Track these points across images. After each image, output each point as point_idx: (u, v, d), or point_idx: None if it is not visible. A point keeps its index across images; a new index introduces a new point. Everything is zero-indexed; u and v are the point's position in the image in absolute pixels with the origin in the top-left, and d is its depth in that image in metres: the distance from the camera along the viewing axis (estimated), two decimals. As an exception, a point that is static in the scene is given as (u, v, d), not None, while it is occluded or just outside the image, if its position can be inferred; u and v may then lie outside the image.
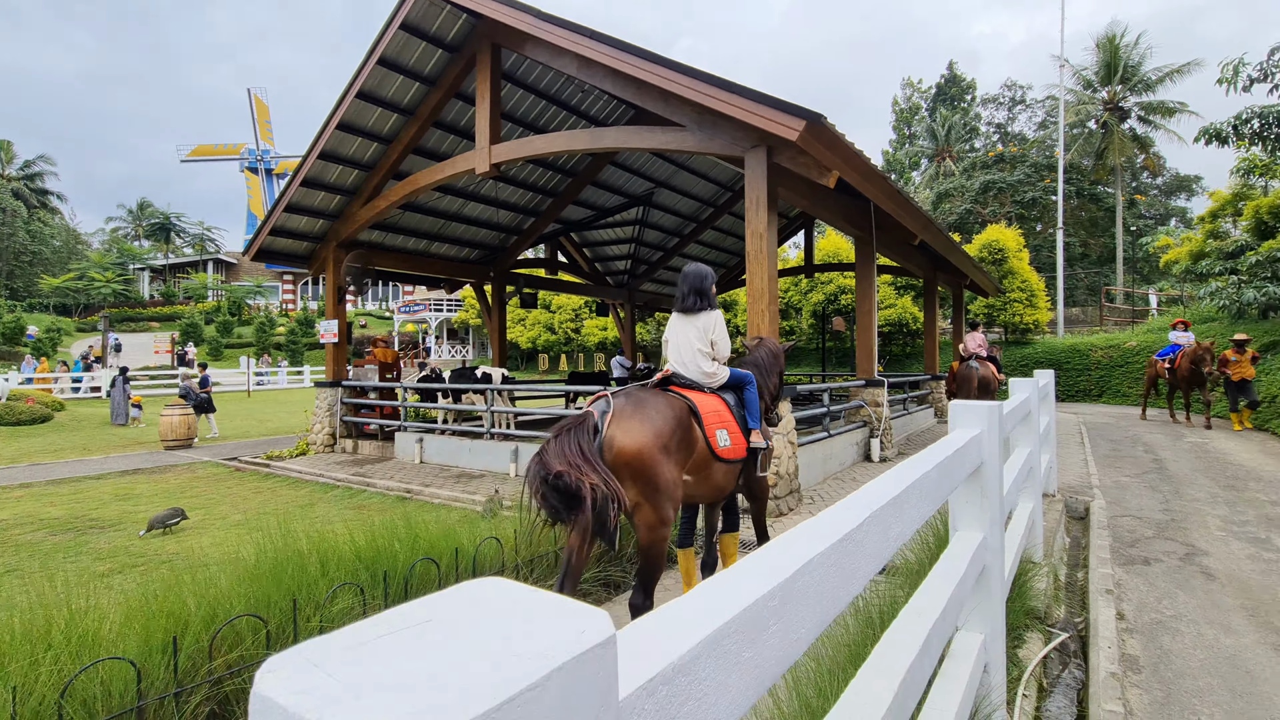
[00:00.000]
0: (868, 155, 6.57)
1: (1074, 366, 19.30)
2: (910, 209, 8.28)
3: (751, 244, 6.22)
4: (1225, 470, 7.92)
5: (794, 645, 0.80)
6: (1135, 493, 6.84)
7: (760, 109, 5.60)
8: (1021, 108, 43.46)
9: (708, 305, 3.54)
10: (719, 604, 0.69)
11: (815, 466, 7.34)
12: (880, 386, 9.09)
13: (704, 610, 0.68)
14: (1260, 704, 2.81)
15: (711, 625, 0.64)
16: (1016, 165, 34.73)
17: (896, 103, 50.51)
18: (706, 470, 3.21)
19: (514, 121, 10.65)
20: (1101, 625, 3.49)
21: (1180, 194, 36.60)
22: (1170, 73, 29.15)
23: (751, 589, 0.75)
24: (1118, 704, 2.73)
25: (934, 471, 1.65)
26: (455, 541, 3.18)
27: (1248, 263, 15.45)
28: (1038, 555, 4.36)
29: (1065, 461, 8.49)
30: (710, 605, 0.69)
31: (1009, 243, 21.81)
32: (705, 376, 3.45)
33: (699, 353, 3.45)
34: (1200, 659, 3.22)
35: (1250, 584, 4.23)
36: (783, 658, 0.77)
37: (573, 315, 35.82)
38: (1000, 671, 2.40)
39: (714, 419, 3.25)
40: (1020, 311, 21.05)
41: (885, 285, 22.96)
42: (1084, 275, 32.98)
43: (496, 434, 8.95)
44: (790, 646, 0.79)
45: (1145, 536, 5.31)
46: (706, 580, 0.78)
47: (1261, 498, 6.52)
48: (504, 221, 13.23)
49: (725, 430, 3.28)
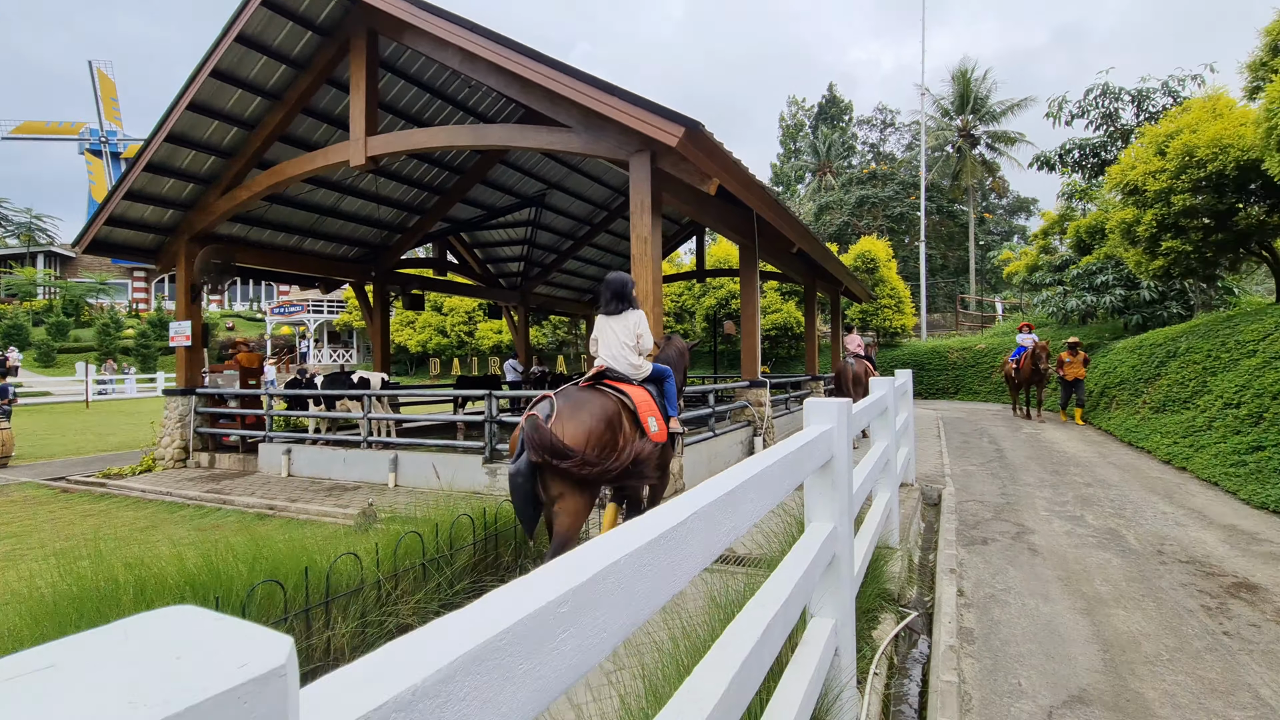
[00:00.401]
0: (747, 166, 6.86)
1: (935, 367, 21.21)
2: (788, 219, 8.73)
3: (636, 247, 6.28)
4: (1053, 458, 8.99)
5: (591, 651, 0.78)
6: (980, 480, 7.60)
7: (643, 114, 5.68)
8: (891, 130, 47.25)
9: (629, 306, 4.01)
10: (495, 615, 0.66)
11: (701, 466, 7.54)
12: (763, 387, 9.50)
13: (475, 624, 0.64)
14: (1066, 663, 3.19)
15: (476, 640, 0.61)
16: (887, 182, 37.75)
17: (783, 119, 53.29)
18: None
19: (394, 113, 10.14)
20: (944, 602, 3.83)
21: (1021, 213, 41.29)
22: (1011, 106, 32.90)
23: (540, 595, 0.72)
24: (953, 674, 2.99)
25: (776, 466, 1.71)
26: (308, 559, 2.94)
27: (1070, 275, 17.66)
28: (894, 541, 4.71)
29: (924, 453, 9.28)
30: (486, 617, 0.66)
31: (880, 253, 23.63)
32: (633, 369, 3.92)
33: (626, 348, 3.92)
34: (1023, 627, 3.61)
35: (1066, 557, 4.81)
36: (575, 665, 0.75)
37: (466, 318, 34.69)
38: (850, 654, 2.55)
39: (645, 408, 3.74)
40: (890, 316, 22.85)
41: (772, 291, 24.10)
42: (943, 284, 36.37)
43: (375, 443, 8.45)
44: (586, 653, 0.77)
45: (985, 519, 5.90)
46: (496, 590, 0.74)
47: (1079, 480, 7.46)
48: (386, 218, 12.56)
49: (654, 418, 3.78)
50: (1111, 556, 4.79)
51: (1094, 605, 3.90)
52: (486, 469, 7.17)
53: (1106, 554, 4.85)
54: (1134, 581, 4.28)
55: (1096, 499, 6.55)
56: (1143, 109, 17.11)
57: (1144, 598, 4.00)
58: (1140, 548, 4.98)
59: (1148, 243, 11.65)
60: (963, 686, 2.93)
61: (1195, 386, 9.85)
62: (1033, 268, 21.07)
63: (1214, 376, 9.56)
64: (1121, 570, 4.50)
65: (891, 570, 4.23)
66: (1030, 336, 14.02)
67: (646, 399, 3.81)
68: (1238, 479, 6.80)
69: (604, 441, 3.38)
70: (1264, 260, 11.93)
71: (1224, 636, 3.45)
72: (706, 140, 5.71)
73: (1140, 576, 4.37)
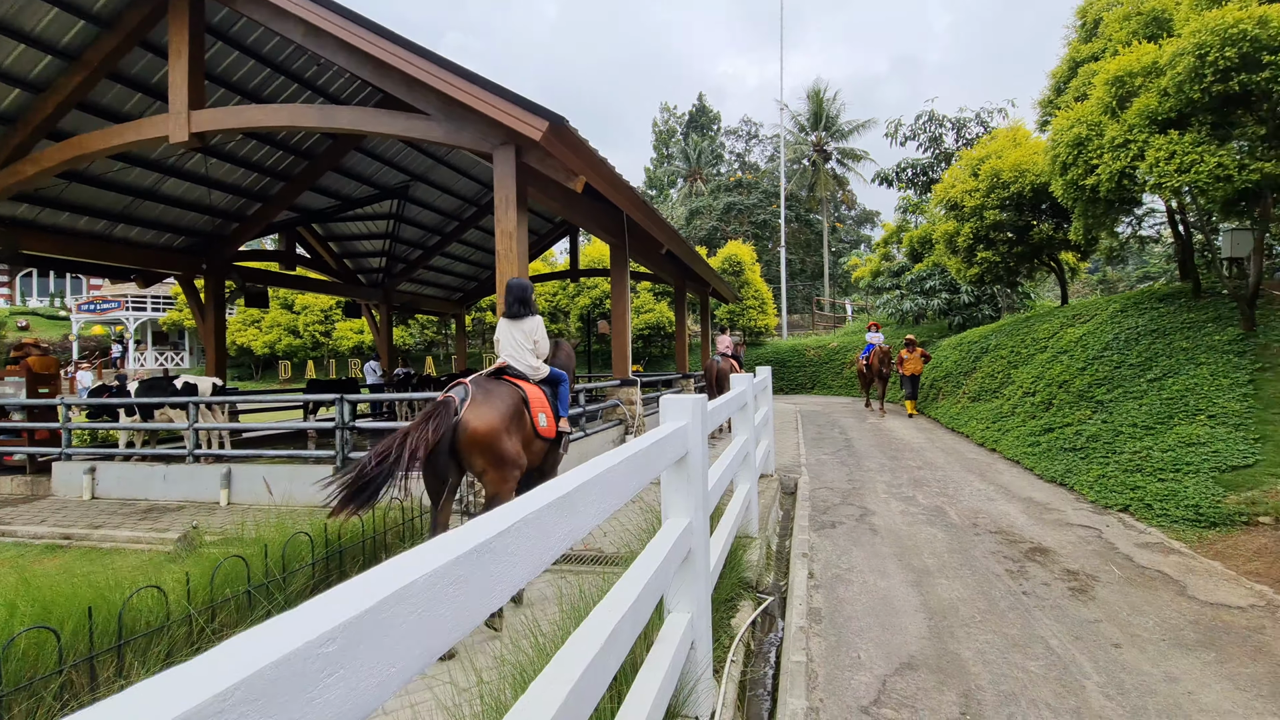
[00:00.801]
0: (622, 168, 6.89)
1: (794, 364, 22.73)
2: (657, 220, 8.90)
3: (502, 243, 6.08)
4: (892, 445, 9.92)
5: (368, 695, 0.67)
6: (831, 468, 8.21)
7: (506, 106, 5.50)
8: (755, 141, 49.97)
9: (530, 312, 4.29)
10: (228, 667, 0.54)
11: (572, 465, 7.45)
12: (634, 385, 9.62)
13: (197, 679, 0.52)
14: (899, 633, 3.49)
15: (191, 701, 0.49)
16: (752, 191, 39.89)
17: (656, 125, 54.55)
18: (529, 446, 3.98)
19: (228, 87, 9.06)
20: (796, 585, 4.05)
21: (867, 224, 45.39)
22: (857, 126, 36.09)
23: (297, 634, 0.61)
24: (802, 654, 3.16)
25: (623, 465, 1.68)
26: (98, 596, 2.49)
27: (906, 280, 19.66)
28: (753, 530, 4.93)
29: (783, 445, 9.87)
30: (216, 669, 0.54)
31: (745, 257, 24.91)
32: (532, 370, 4.22)
33: (526, 350, 4.21)
34: (864, 603, 3.91)
35: (901, 534, 5.30)
36: (348, 711, 0.65)
37: (322, 317, 32.00)
38: (706, 645, 2.60)
39: (537, 404, 4.07)
40: (755, 317, 24.16)
41: (645, 291, 24.58)
42: (802, 287, 39.08)
43: (206, 455, 7.49)
44: (362, 698, 0.66)
45: (835, 504, 6.37)
46: (247, 631, 0.62)
47: (912, 464, 8.29)
48: (220, 205, 11.22)
49: (544, 414, 4.11)
50: (937, 531, 5.34)
51: (922, 577, 4.32)
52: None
53: (933, 529, 5.41)
54: (954, 553, 4.80)
55: (926, 480, 7.31)
56: (961, 135, 19.46)
57: (961, 567, 4.50)
58: (960, 522, 5.61)
59: (966, 252, 13.24)
60: (810, 665, 3.11)
61: (1002, 378, 11.33)
62: (876, 273, 23.25)
63: (1016, 369, 11.06)
64: (945, 543, 5.03)
65: (750, 558, 4.41)
66: (878, 335, 15.33)
67: (539, 396, 4.15)
68: (1033, 457, 7.90)
69: (513, 423, 3.79)
70: (1052, 270, 14.01)
71: (1023, 596, 3.96)
72: (572, 136, 5.64)
73: (960, 548, 4.91)
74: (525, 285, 4.33)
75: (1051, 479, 7.14)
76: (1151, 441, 6.52)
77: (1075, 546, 4.89)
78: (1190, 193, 6.58)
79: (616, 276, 9.70)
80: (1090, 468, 6.77)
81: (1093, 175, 7.49)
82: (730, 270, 24.20)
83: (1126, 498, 5.92)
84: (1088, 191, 7.75)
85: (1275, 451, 5.66)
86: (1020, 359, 11.22)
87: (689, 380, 14.30)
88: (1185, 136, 6.50)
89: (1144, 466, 6.21)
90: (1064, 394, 8.71)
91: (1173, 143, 6.54)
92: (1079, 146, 7.74)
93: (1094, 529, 5.34)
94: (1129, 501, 5.86)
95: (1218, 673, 2.99)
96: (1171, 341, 7.95)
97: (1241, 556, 4.55)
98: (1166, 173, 6.54)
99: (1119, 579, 4.21)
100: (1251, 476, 5.46)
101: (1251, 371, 6.73)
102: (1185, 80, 6.36)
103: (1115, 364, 8.32)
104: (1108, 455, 6.77)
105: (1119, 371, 8.13)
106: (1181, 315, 8.40)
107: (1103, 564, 4.50)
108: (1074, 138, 7.78)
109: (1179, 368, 7.41)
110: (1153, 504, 5.63)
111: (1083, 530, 5.30)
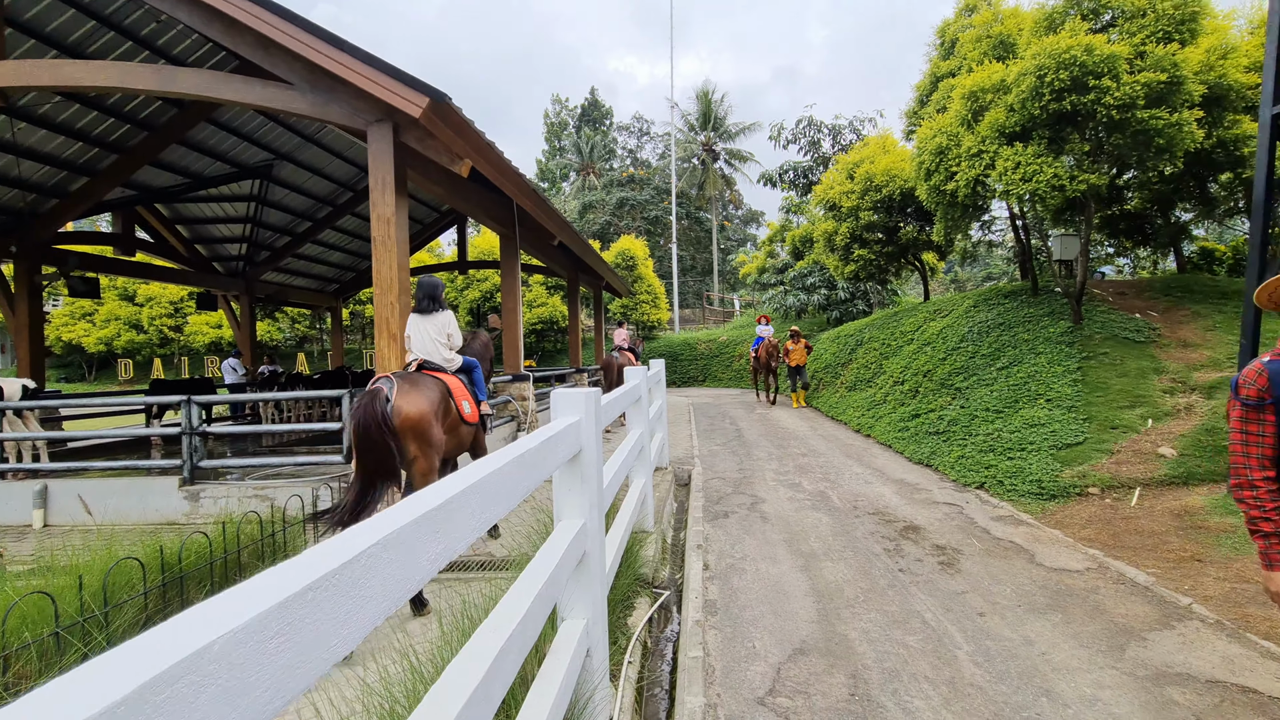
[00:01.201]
0: (513, 158, 6.58)
1: (686, 357, 23.22)
2: (548, 210, 8.65)
3: (378, 229, 5.61)
4: (779, 434, 10.34)
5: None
6: (723, 458, 8.40)
7: (382, 78, 5.07)
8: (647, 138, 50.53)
9: (440, 307, 4.53)
10: None
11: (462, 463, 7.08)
12: (526, 381, 9.33)
13: None
14: (790, 619, 3.57)
15: None
16: (644, 187, 40.31)
17: (548, 116, 53.64)
18: (456, 432, 4.28)
19: (39, 38, 7.72)
20: (691, 578, 4.04)
21: (753, 223, 47.35)
22: (744, 128, 37.46)
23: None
24: (699, 649, 3.13)
25: (508, 467, 1.51)
26: None
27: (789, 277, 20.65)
28: (649, 524, 4.89)
29: (676, 437, 9.99)
30: None
31: (638, 252, 25.09)
32: (446, 362, 4.49)
33: (439, 344, 4.45)
34: (757, 591, 3.98)
35: (789, 520, 5.49)
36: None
37: (171, 309, 28.56)
38: (603, 651, 2.48)
39: (459, 393, 4.34)
40: (648, 311, 24.41)
41: (538, 285, 24.09)
42: (692, 283, 40.07)
43: (16, 471, 6.35)
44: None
45: (727, 493, 6.49)
46: None
47: (797, 451, 8.67)
48: (34, 178, 9.59)
49: (467, 401, 4.41)
50: (822, 516, 5.58)
51: (810, 561, 4.47)
52: (185, 492, 5.82)
53: (819, 514, 5.64)
54: (838, 535, 5.03)
55: (810, 467, 7.66)
56: (837, 141, 20.72)
57: (845, 549, 4.71)
58: (842, 505, 5.90)
59: (843, 251, 14.07)
60: (707, 660, 3.09)
61: (875, 369, 12.17)
62: (761, 270, 24.26)
63: (887, 360, 11.91)
64: (830, 527, 5.26)
65: (647, 554, 4.36)
66: (768, 328, 15.85)
67: (460, 386, 4.41)
68: (903, 441, 8.52)
69: (442, 412, 4.03)
70: (916, 268, 15.25)
71: (900, 573, 4.19)
72: (455, 115, 5.30)
73: (843, 530, 5.15)
74: (436, 283, 4.58)
75: (919, 461, 7.72)
76: (1001, 424, 7.21)
77: (942, 523, 5.28)
78: (1031, 200, 7.33)
79: (507, 268, 9.35)
80: (951, 449, 7.39)
81: (952, 181, 8.16)
82: (624, 265, 24.28)
83: (982, 475, 6.51)
84: (948, 196, 8.44)
85: (1099, 430, 6.44)
86: (890, 350, 12.09)
87: (583, 375, 14.15)
88: (1028, 149, 7.23)
89: (996, 447, 6.86)
90: (928, 382, 9.47)
91: (1018, 154, 7.25)
92: (941, 155, 8.40)
93: (957, 505, 5.80)
94: (984, 479, 6.44)
95: (1065, 633, 3.30)
96: (1016, 334, 8.87)
97: (1076, 524, 5.12)
98: (1013, 181, 7.24)
99: (979, 551, 4.58)
100: (1082, 453, 6.17)
101: (1079, 360, 7.63)
102: (1028, 98, 7.07)
103: (970, 354, 9.15)
104: (966, 438, 7.42)
105: (973, 361, 8.96)
106: (1023, 310, 9.39)
107: (965, 538, 4.88)
108: (936, 146, 8.44)
109: (1022, 357, 8.27)
110: (1004, 480, 6.22)
111: (947, 507, 5.75)
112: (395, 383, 3.85)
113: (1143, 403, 6.73)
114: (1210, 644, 3.13)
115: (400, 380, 3.90)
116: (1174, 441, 6.02)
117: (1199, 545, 4.47)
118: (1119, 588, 3.86)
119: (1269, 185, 5.05)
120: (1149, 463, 5.82)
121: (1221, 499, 5.06)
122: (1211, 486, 5.38)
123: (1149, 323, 8.34)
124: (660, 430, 6.95)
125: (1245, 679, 2.82)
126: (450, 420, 4.18)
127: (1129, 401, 6.79)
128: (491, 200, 8.56)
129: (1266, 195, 5.05)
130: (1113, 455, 6.05)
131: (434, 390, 4.02)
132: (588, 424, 2.45)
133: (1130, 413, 6.62)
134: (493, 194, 8.54)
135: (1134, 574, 4.02)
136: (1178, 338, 7.92)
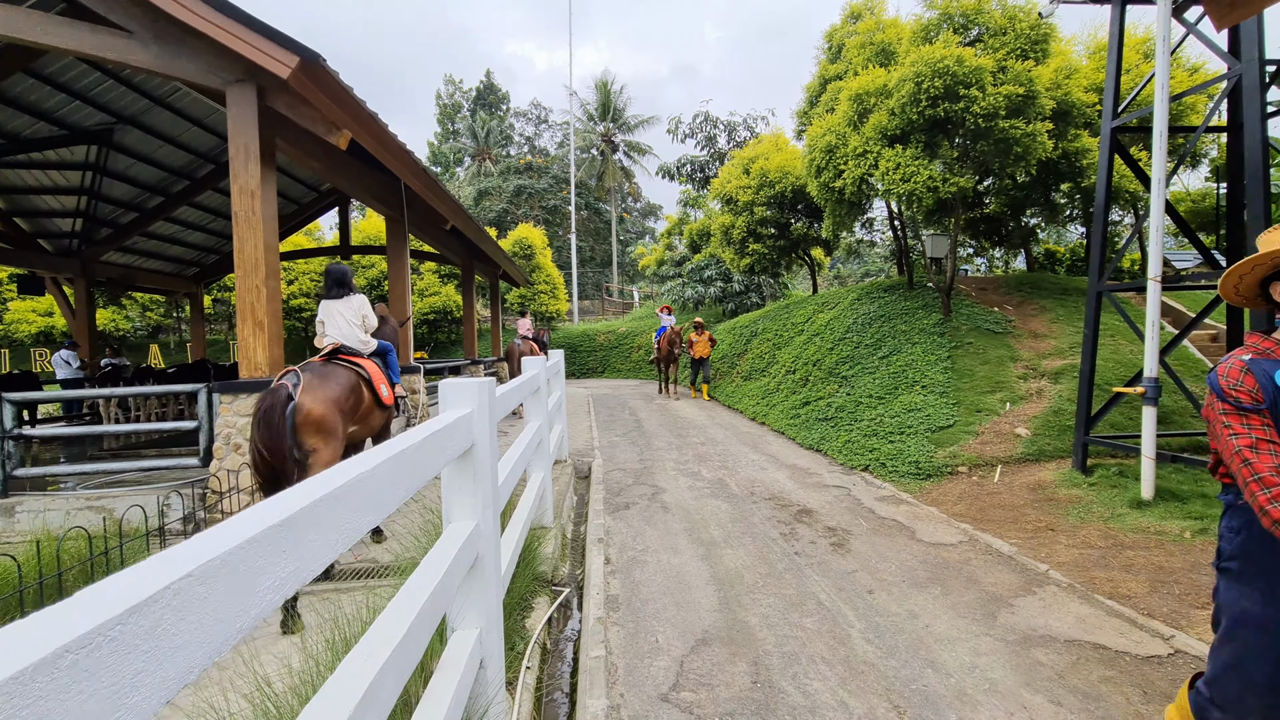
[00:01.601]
0: (404, 139, 6.10)
1: (586, 348, 23.06)
2: (440, 192, 8.16)
3: (240, 203, 5.00)
4: (678, 424, 10.46)
5: None
6: (623, 449, 8.35)
7: (242, 31, 4.49)
8: (545, 126, 49.56)
9: (351, 292, 4.54)
10: None
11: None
12: (416, 373, 8.80)
13: None
14: (692, 609, 3.55)
15: None
16: (542, 175, 39.51)
17: (440, 97, 51.19)
18: (369, 417, 4.33)
19: None
20: (592, 573, 3.93)
21: (652, 216, 47.82)
22: (643, 121, 37.64)
23: None
24: (601, 648, 3.02)
25: (380, 469, 1.31)
26: None
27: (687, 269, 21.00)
28: (548, 520, 4.71)
29: (576, 429, 9.84)
30: None
31: (536, 241, 24.54)
32: (362, 345, 4.50)
33: (354, 327, 4.47)
34: (659, 584, 3.93)
35: (690, 509, 5.51)
36: None
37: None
38: (498, 661, 2.30)
39: (377, 378, 4.37)
40: (547, 302, 23.98)
41: (430, 273, 22.96)
42: (592, 274, 39.89)
43: None
44: None
45: (627, 485, 6.44)
46: None
47: (696, 440, 8.79)
48: None
49: (384, 385, 4.45)
50: (721, 503, 5.66)
51: (710, 549, 4.49)
52: (-4, 508, 4.93)
53: (718, 501, 5.71)
54: (737, 522, 5.10)
55: (709, 455, 7.78)
56: (732, 137, 21.28)
57: (744, 535, 4.78)
58: (739, 492, 6.02)
59: (739, 244, 14.45)
60: (609, 659, 2.98)
61: (769, 359, 12.63)
62: (660, 262, 24.52)
63: (779, 350, 12.39)
64: (728, 514, 5.33)
65: (546, 550, 4.19)
66: (670, 318, 15.83)
67: (377, 370, 4.45)
68: (795, 428, 8.88)
69: (350, 405, 4.01)
70: (805, 263, 15.98)
71: (795, 556, 4.31)
72: (331, 80, 4.81)
73: (741, 517, 5.23)
74: (344, 269, 4.58)
75: (810, 446, 8.07)
76: (883, 409, 7.68)
77: (832, 505, 5.51)
78: (909, 200, 7.83)
79: (395, 254, 8.75)
80: (839, 435, 7.78)
81: (841, 179, 8.55)
82: (521, 253, 23.67)
83: (867, 459, 6.89)
84: (836, 193, 8.84)
85: (967, 414, 7.00)
86: (783, 341, 12.59)
87: (478, 366, 13.61)
88: (907, 151, 7.70)
89: (878, 431, 7.29)
90: (817, 371, 9.93)
91: (898, 155, 7.70)
92: (830, 153, 8.78)
93: (844, 488, 6.09)
94: (869, 462, 6.82)
95: (944, 604, 3.51)
96: (895, 325, 9.48)
97: (949, 500, 5.52)
98: (894, 181, 7.69)
99: (867, 530, 4.81)
100: (952, 435, 6.68)
101: (949, 349, 8.27)
102: (906, 103, 7.52)
103: (855, 344, 9.69)
104: (852, 423, 7.84)
105: (858, 351, 9.49)
106: (900, 304, 10.07)
107: (854, 519, 5.12)
108: (826, 145, 8.81)
109: (900, 347, 8.85)
110: (886, 462, 6.61)
111: (836, 490, 6.02)
112: (301, 376, 3.81)
113: (1002, 388, 7.40)
114: (1065, 606, 3.44)
115: (306, 374, 3.86)
116: (1028, 422, 6.66)
117: (1051, 516, 4.95)
118: (987, 558, 4.18)
119: (1109, 191, 5.66)
120: (1008, 442, 6.40)
121: (1067, 473, 5.65)
122: (1059, 462, 6.00)
123: (1005, 315, 9.20)
124: (560, 422, 6.77)
125: (1095, 636, 3.11)
126: (365, 407, 4.22)
127: (991, 387, 7.44)
128: (377, 180, 7.96)
129: (1105, 199, 5.67)
130: (978, 436, 6.60)
131: (344, 382, 4.01)
132: (480, 417, 2.25)
133: (992, 397, 7.25)
134: (379, 173, 7.94)
135: (999, 545, 4.38)
136: (1029, 329, 8.80)
